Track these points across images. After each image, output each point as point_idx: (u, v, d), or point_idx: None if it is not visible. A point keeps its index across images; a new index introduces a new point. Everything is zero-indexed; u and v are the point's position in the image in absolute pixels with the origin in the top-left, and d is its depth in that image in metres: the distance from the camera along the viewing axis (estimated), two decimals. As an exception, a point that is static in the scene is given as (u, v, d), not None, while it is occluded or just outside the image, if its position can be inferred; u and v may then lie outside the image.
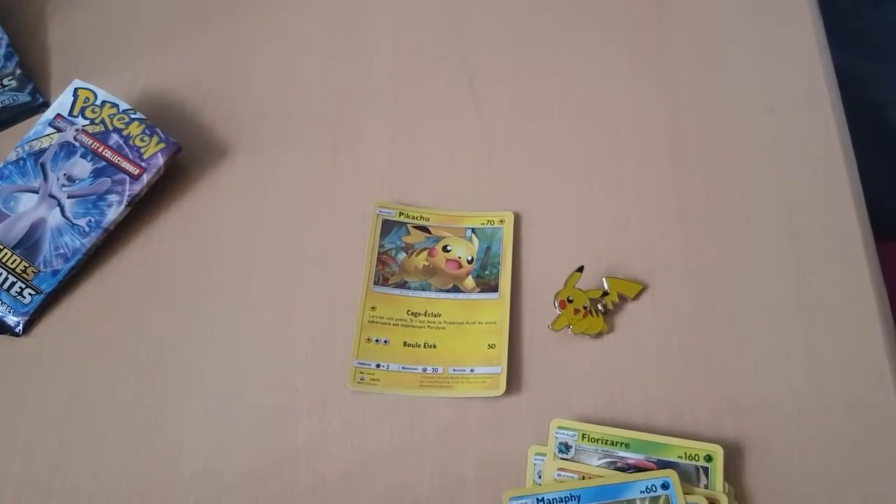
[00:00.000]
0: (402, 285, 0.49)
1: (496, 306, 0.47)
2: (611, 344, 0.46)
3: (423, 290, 0.49)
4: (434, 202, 0.52)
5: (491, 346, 0.46)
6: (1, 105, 0.57)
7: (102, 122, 0.53)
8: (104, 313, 0.50)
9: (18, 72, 0.58)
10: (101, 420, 0.47)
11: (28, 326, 0.50)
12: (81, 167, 0.52)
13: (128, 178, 0.52)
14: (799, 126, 0.51)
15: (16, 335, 0.50)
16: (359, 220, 0.51)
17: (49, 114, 0.54)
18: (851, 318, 0.45)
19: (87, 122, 0.53)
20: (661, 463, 0.41)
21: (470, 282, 0.49)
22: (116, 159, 0.52)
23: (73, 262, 0.50)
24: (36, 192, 0.52)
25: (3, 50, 0.59)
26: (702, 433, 0.42)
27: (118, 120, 0.53)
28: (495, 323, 0.47)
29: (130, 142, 0.53)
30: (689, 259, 0.48)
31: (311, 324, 0.48)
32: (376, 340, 0.47)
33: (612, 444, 0.41)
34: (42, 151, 0.53)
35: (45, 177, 0.52)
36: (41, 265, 0.50)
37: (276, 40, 0.60)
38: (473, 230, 0.50)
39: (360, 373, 0.45)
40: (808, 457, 0.41)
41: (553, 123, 0.54)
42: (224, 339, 0.48)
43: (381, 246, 0.50)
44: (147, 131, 0.53)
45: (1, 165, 0.53)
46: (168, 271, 0.51)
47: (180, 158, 0.54)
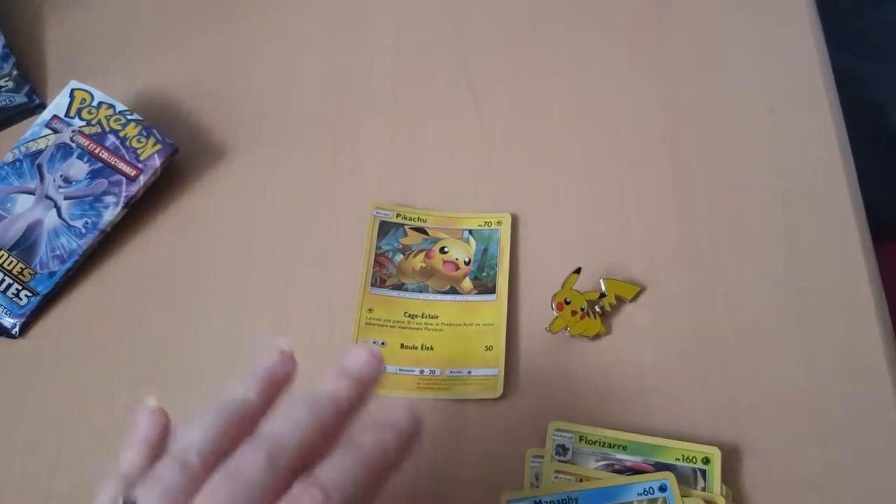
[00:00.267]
0: (400, 287, 0.49)
1: (494, 308, 0.47)
2: (608, 346, 0.46)
3: (420, 291, 0.48)
4: (434, 202, 0.52)
5: (488, 348, 0.46)
6: (-2, 106, 0.57)
7: (99, 123, 0.53)
8: (101, 315, 0.50)
9: (15, 73, 0.58)
10: (99, 421, 0.47)
11: (24, 328, 0.50)
12: (78, 168, 0.52)
13: (124, 180, 0.52)
14: (798, 126, 0.51)
15: (12, 337, 0.50)
16: (358, 221, 0.51)
17: (46, 115, 0.54)
18: (850, 319, 0.45)
19: (84, 123, 0.53)
20: (658, 465, 0.40)
21: (467, 283, 0.49)
22: (113, 160, 0.52)
23: (69, 263, 0.50)
24: (32, 193, 0.52)
25: (-1, 51, 0.59)
26: (699, 435, 0.42)
27: (115, 121, 0.53)
28: (493, 325, 0.47)
29: (127, 143, 0.52)
30: (687, 260, 0.48)
31: (309, 325, 0.48)
32: (373, 342, 0.46)
33: (609, 446, 0.41)
34: (38, 153, 0.53)
35: (42, 178, 0.52)
36: (37, 267, 0.50)
37: (275, 41, 0.60)
38: (471, 232, 0.50)
39: None
40: (806, 459, 0.41)
41: (552, 124, 0.54)
42: (222, 341, 0.48)
43: (378, 247, 0.50)
44: (144, 132, 0.53)
45: (-3, 167, 0.53)
46: (165, 272, 0.51)
47: (177, 159, 0.53)
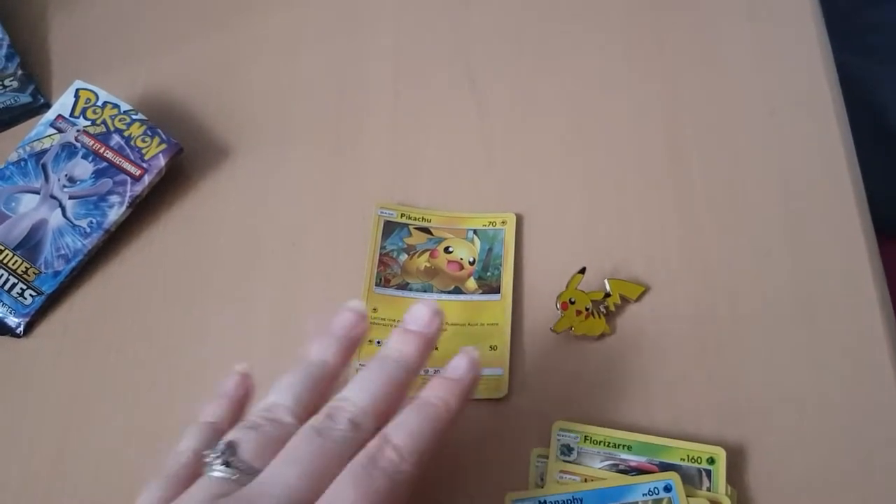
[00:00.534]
0: (404, 287, 0.49)
1: (498, 308, 0.47)
2: (613, 346, 0.46)
3: (424, 291, 0.48)
4: (436, 202, 0.52)
5: (493, 348, 0.46)
6: (2, 106, 0.57)
7: (104, 122, 0.53)
8: (106, 314, 0.50)
9: (20, 72, 0.58)
10: (103, 421, 0.47)
11: (29, 328, 0.50)
12: (83, 168, 0.52)
13: (129, 179, 0.52)
14: (800, 127, 0.51)
15: (17, 336, 0.50)
16: (361, 221, 0.51)
17: (50, 115, 0.54)
18: (854, 319, 0.45)
19: (89, 122, 0.53)
20: (663, 465, 0.41)
21: (472, 283, 0.49)
22: (118, 160, 0.52)
23: (74, 262, 0.50)
24: (37, 192, 0.52)
25: (4, 51, 0.59)
26: (704, 436, 0.42)
27: (119, 121, 0.53)
28: (497, 325, 0.47)
29: (132, 143, 0.53)
30: (691, 261, 0.48)
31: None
32: (378, 342, 0.46)
33: (614, 446, 0.41)
34: (43, 152, 0.53)
35: (47, 178, 0.52)
36: (42, 266, 0.50)
37: (279, 40, 0.60)
38: (475, 231, 0.50)
39: None
40: (811, 459, 0.41)
41: (554, 124, 0.54)
42: (226, 339, 0.48)
43: (382, 247, 0.50)
44: (148, 132, 0.53)
45: (2, 166, 0.53)
46: (170, 272, 0.51)
47: (182, 159, 0.54)
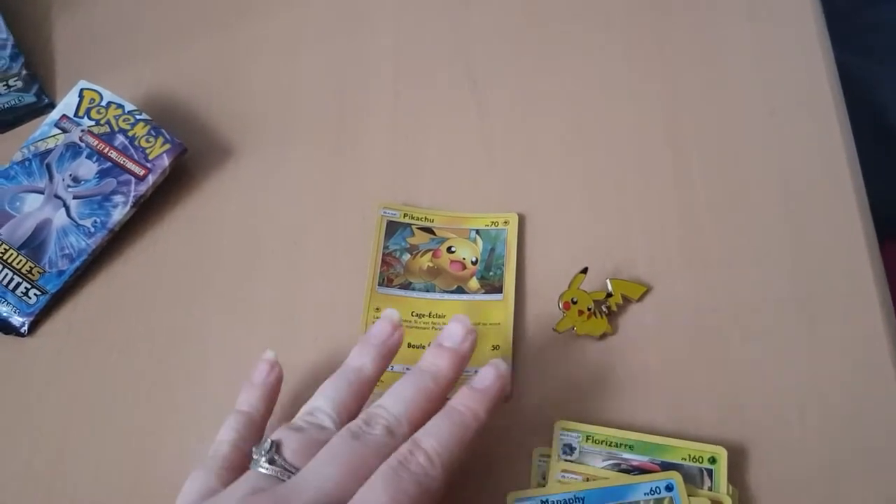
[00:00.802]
0: (407, 286, 0.49)
1: (500, 308, 0.48)
2: (615, 345, 0.46)
3: (427, 291, 0.49)
4: (438, 202, 0.52)
5: (495, 348, 0.46)
6: (7, 105, 0.58)
7: (108, 122, 0.53)
8: (110, 313, 0.50)
9: (24, 72, 0.58)
10: (106, 420, 0.47)
11: (33, 327, 0.50)
12: (87, 168, 0.53)
13: (133, 179, 0.52)
14: (800, 127, 0.51)
15: (21, 335, 0.50)
16: (363, 220, 0.51)
17: (55, 114, 0.54)
18: (855, 319, 0.45)
19: (93, 122, 0.54)
20: (664, 465, 0.41)
21: (474, 283, 0.49)
22: (122, 160, 0.52)
23: (78, 262, 0.51)
24: (41, 192, 0.52)
25: (8, 51, 0.59)
26: (706, 435, 0.42)
27: (123, 121, 0.53)
28: (499, 324, 0.47)
29: (136, 143, 0.53)
30: (693, 261, 0.48)
31: (316, 323, 0.48)
32: None
33: (616, 445, 0.42)
34: (48, 152, 0.53)
35: (51, 177, 0.52)
36: (46, 265, 0.51)
37: (281, 40, 0.60)
38: (478, 231, 0.50)
39: None
40: (812, 458, 0.42)
41: (556, 124, 0.54)
42: (229, 339, 0.49)
43: (385, 247, 0.50)
44: (152, 132, 0.53)
45: (7, 166, 0.53)
46: (174, 271, 0.51)
47: (185, 159, 0.54)
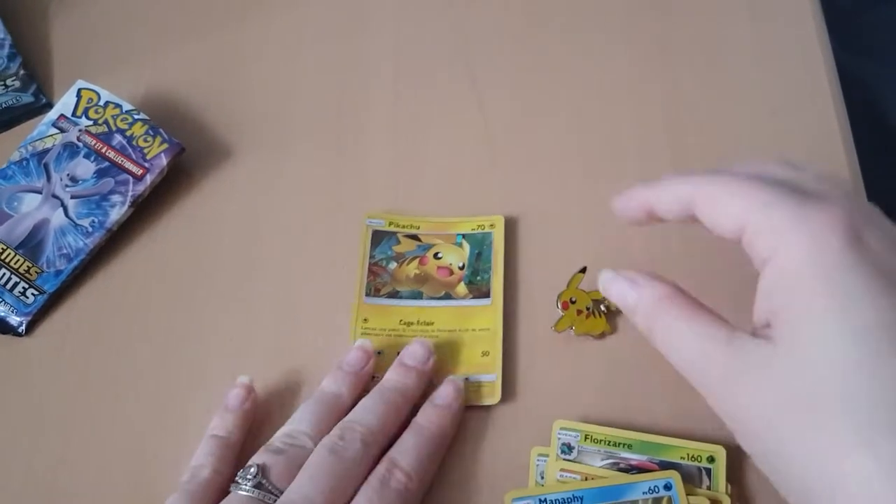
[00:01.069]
0: (394, 295, 0.48)
1: (489, 312, 0.47)
2: (613, 345, 0.46)
3: (415, 298, 0.48)
4: (438, 202, 0.52)
5: (485, 354, 0.46)
6: (4, 105, 0.58)
7: (106, 122, 0.53)
8: (107, 313, 0.50)
9: (22, 72, 0.58)
10: (104, 420, 0.47)
11: (31, 327, 0.50)
12: (85, 168, 0.52)
13: (131, 179, 0.52)
14: (800, 127, 0.51)
15: (19, 335, 0.50)
16: (362, 220, 0.51)
17: (52, 114, 0.54)
18: (853, 320, 0.45)
19: (91, 122, 0.53)
20: (663, 464, 0.41)
21: (462, 288, 0.48)
22: (120, 160, 0.52)
23: (76, 262, 0.51)
24: (39, 192, 0.52)
25: (6, 50, 0.59)
26: (704, 434, 0.42)
27: (121, 120, 0.53)
28: (489, 329, 0.46)
29: (134, 142, 0.53)
30: (691, 259, 0.48)
31: (315, 324, 0.48)
32: (377, 353, 0.46)
33: (614, 444, 0.41)
34: (45, 152, 0.53)
35: (49, 177, 0.52)
36: (44, 265, 0.51)
37: (279, 40, 0.60)
38: (464, 236, 0.50)
39: None
40: (811, 458, 0.41)
41: (555, 123, 0.54)
42: (227, 339, 0.49)
43: (371, 256, 0.49)
44: (150, 132, 0.53)
45: (4, 166, 0.53)
46: (172, 271, 0.51)
47: (183, 159, 0.54)
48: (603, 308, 0.46)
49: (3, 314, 0.50)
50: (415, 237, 0.50)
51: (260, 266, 0.51)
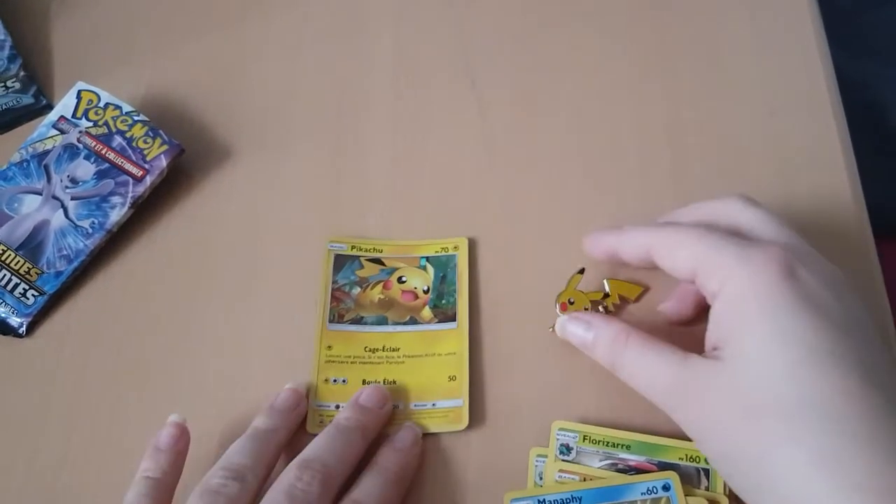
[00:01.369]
0: (359, 321, 0.47)
1: (455, 336, 0.46)
2: (612, 346, 0.46)
3: (379, 324, 0.47)
4: (438, 202, 0.52)
5: (452, 379, 0.45)
6: (5, 107, 0.58)
7: (106, 124, 0.53)
8: (108, 314, 0.50)
9: (22, 74, 0.59)
10: (105, 421, 0.47)
11: (31, 328, 0.50)
12: (85, 169, 0.53)
13: (131, 180, 0.52)
14: (800, 129, 0.51)
15: (19, 336, 0.50)
16: (364, 220, 0.51)
17: (53, 116, 0.54)
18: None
19: (91, 124, 0.54)
20: (662, 465, 0.41)
21: (427, 312, 0.47)
22: (120, 161, 0.52)
23: (76, 263, 0.51)
24: (39, 193, 0.52)
25: (6, 52, 0.59)
26: (703, 435, 0.42)
27: (121, 122, 0.53)
28: (455, 353, 0.46)
29: (133, 144, 0.53)
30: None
31: (315, 324, 0.48)
32: (334, 381, 0.45)
33: (613, 445, 0.41)
34: (45, 153, 0.53)
35: (49, 178, 0.52)
36: (44, 266, 0.51)
37: (278, 41, 0.60)
38: (428, 259, 0.49)
39: (320, 415, 0.44)
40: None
41: (554, 125, 0.54)
42: (228, 340, 0.49)
43: (334, 282, 0.49)
44: (150, 133, 0.53)
45: (5, 167, 0.53)
46: (171, 272, 0.51)
47: (183, 160, 0.54)
48: (602, 309, 0.46)
49: (3, 315, 0.50)
50: (378, 261, 0.49)
51: (260, 266, 0.51)
